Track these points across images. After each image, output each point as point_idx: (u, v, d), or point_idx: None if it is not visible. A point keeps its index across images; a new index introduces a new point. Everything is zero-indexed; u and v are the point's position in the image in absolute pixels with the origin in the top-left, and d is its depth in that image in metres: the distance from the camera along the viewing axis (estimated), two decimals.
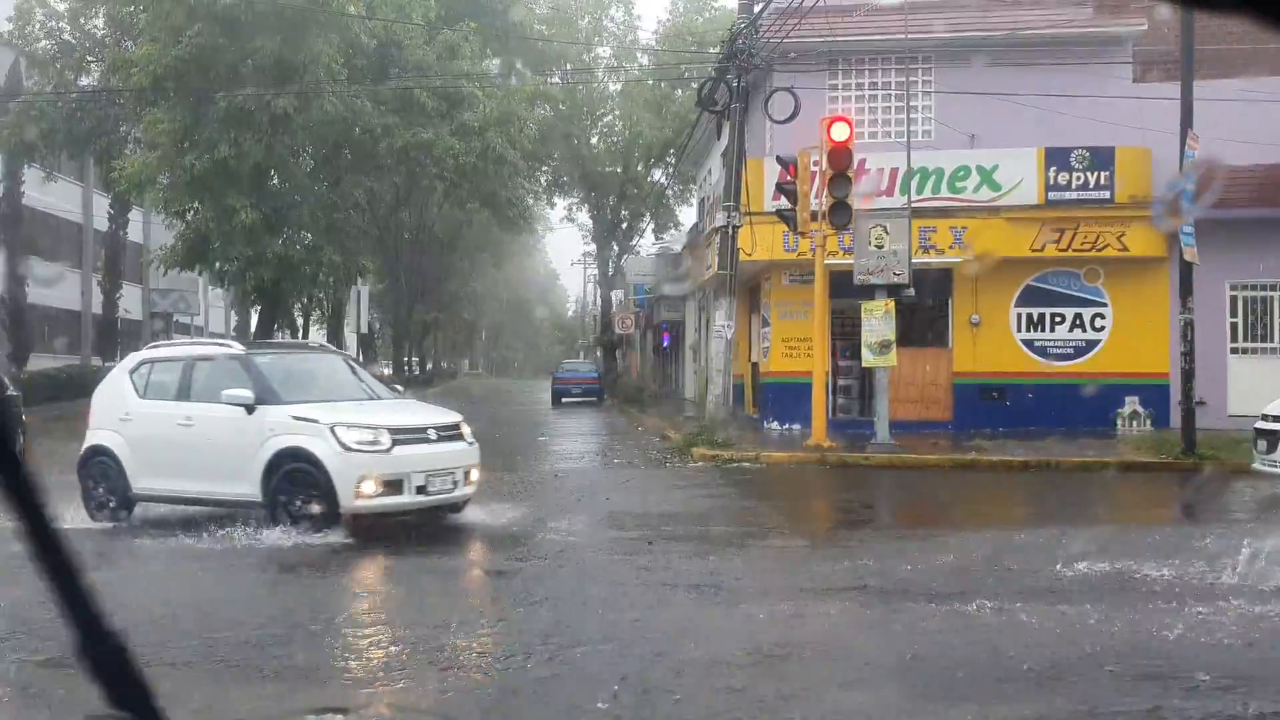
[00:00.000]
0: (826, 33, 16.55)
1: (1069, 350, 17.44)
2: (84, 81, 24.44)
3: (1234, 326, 17.19)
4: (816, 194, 14.92)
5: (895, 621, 6.10)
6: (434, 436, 9.10)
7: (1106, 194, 16.94)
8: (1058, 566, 7.28)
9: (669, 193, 38.41)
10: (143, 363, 10.23)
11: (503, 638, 5.95)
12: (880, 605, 6.50)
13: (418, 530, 8.96)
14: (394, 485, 8.62)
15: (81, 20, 24.23)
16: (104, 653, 1.20)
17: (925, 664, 5.31)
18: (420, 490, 8.74)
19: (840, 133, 14.49)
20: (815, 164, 14.82)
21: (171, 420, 9.41)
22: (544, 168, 37.58)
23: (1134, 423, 16.93)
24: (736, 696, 4.87)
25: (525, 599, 6.87)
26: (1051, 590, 6.73)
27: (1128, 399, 16.94)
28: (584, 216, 43.73)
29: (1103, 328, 17.34)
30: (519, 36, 29.05)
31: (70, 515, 9.27)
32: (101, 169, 24.92)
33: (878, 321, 14.70)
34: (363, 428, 8.68)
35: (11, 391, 13.70)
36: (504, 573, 7.85)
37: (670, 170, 37.24)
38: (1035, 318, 17.55)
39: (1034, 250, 16.92)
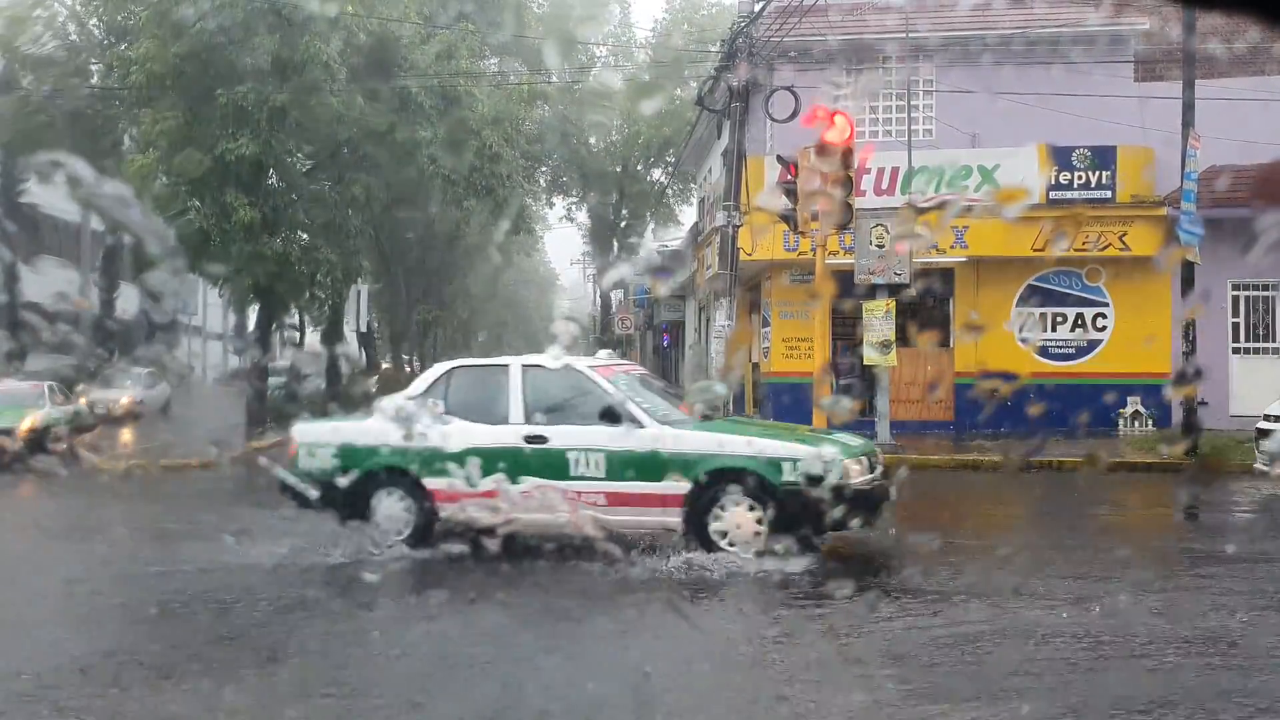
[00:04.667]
0: (827, 31, 16.50)
1: (1070, 350, 17.38)
2: (85, 81, 24.35)
3: (1236, 326, 17.13)
4: None
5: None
6: None
7: (1108, 193, 16.88)
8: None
9: (669, 192, 38.30)
10: None
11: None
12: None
13: None
14: None
15: (81, 22, 24.16)
16: None
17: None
18: None
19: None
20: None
21: None
22: (542, 168, 37.45)
23: (1136, 423, 16.87)
24: None
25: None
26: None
27: (1129, 399, 16.87)
28: (583, 216, 43.65)
29: (1104, 328, 17.29)
30: (516, 35, 28.95)
31: None
32: (102, 169, 24.84)
33: (879, 321, 14.65)
34: None
35: None
36: None
37: (670, 169, 37.14)
38: (1037, 317, 17.49)
39: (1035, 250, 16.85)
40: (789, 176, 15.11)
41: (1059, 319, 17.47)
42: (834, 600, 6.70)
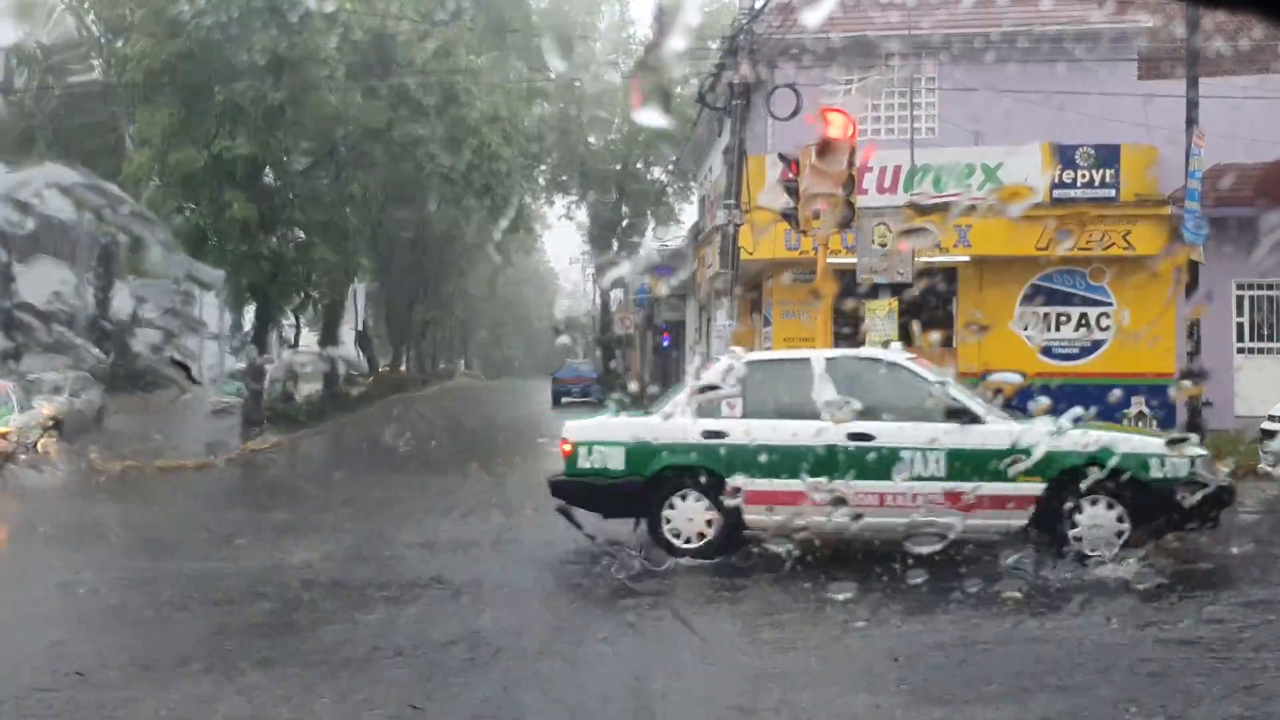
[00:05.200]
0: (830, 28, 16.42)
1: (1074, 350, 17.27)
2: (88, 77, 24.24)
3: (1240, 326, 17.03)
4: None
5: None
6: None
7: (1112, 192, 16.78)
8: None
9: (669, 190, 38.24)
10: None
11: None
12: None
13: None
14: None
15: (79, 17, 24.09)
16: None
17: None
18: None
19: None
20: None
21: None
22: (541, 166, 37.40)
23: (1140, 423, 16.75)
24: None
25: None
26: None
27: (1133, 399, 16.76)
28: (583, 215, 43.63)
29: (1108, 327, 17.20)
30: (513, 30, 28.89)
31: None
32: (108, 166, 24.72)
33: (881, 320, 14.56)
34: None
35: None
36: None
37: (670, 167, 37.06)
38: (1040, 317, 17.40)
39: (1039, 249, 16.75)
40: (790, 175, 15.01)
41: (1063, 319, 17.38)
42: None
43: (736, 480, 7.68)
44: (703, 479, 7.86)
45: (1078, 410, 7.17)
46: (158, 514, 11.78)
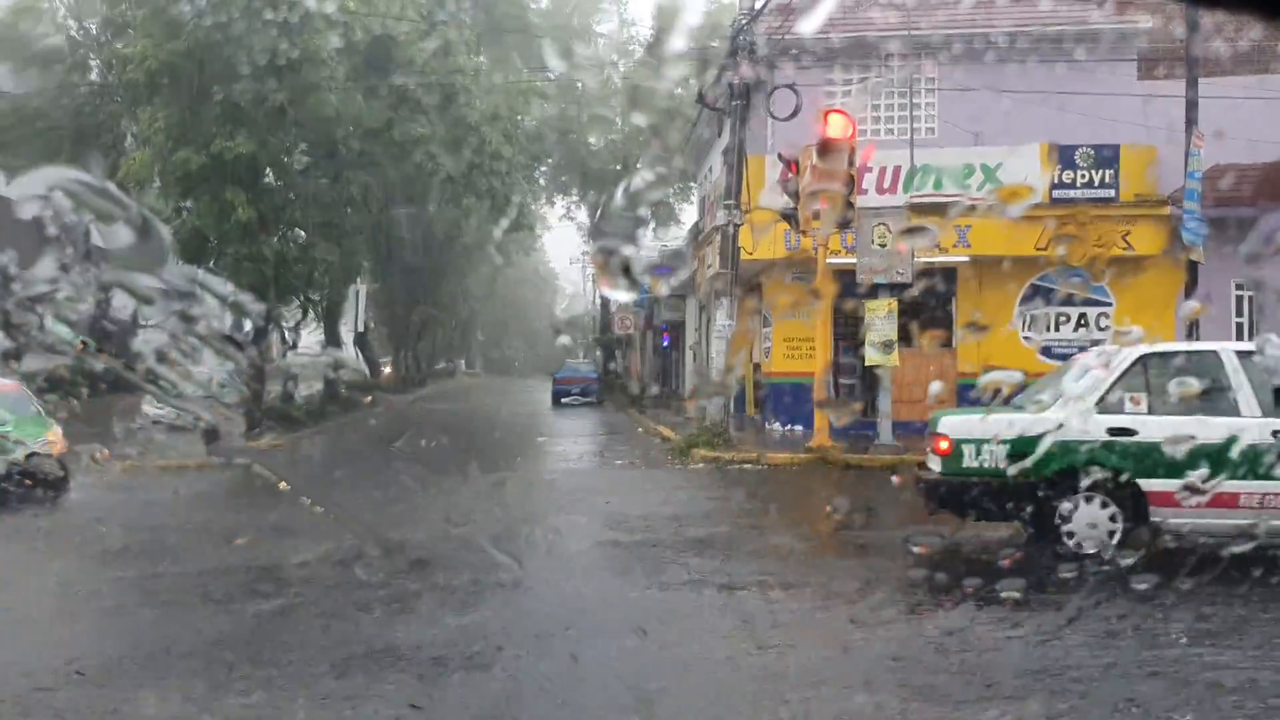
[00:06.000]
0: (830, 29, 16.45)
1: (1074, 350, 17.26)
2: (88, 78, 24.23)
3: (1240, 326, 17.03)
4: None
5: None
6: None
7: (1111, 192, 16.81)
8: None
9: (670, 190, 38.21)
10: None
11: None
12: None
13: None
14: None
15: (82, 19, 24.11)
16: None
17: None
18: None
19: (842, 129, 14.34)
20: None
21: None
22: (542, 167, 37.41)
23: None
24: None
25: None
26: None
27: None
28: (583, 215, 43.64)
29: (1108, 327, 17.22)
30: (515, 31, 28.92)
31: None
32: (106, 166, 24.70)
33: (881, 321, 14.58)
34: None
35: None
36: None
37: (669, 166, 36.98)
38: (1040, 317, 17.42)
39: (1038, 249, 16.77)
40: (790, 175, 15.05)
41: (1062, 318, 17.40)
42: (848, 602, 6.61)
43: (1146, 481, 7.39)
44: (1108, 479, 7.54)
45: None
46: (158, 514, 11.78)
